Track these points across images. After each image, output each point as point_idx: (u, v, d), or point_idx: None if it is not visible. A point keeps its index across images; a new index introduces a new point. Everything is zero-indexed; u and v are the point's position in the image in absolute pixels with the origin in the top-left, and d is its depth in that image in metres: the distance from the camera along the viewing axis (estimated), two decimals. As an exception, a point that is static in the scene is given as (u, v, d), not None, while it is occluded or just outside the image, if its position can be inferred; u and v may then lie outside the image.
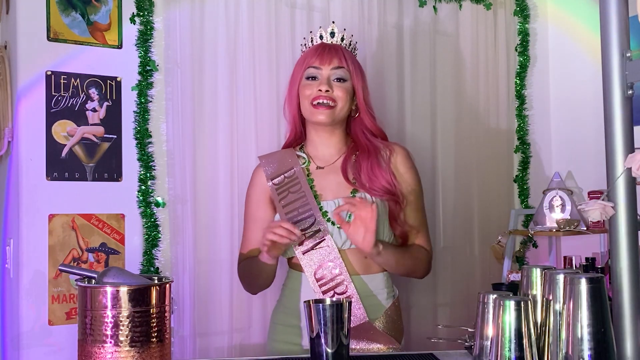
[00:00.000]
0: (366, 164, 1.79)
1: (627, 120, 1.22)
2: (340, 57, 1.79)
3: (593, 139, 2.40)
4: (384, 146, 1.84)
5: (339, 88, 1.78)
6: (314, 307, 1.33)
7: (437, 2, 2.63)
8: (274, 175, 1.84)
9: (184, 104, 2.21)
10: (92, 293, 1.21)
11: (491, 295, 1.24)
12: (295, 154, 1.87)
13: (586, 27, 2.71)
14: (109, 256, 2.13)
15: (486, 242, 2.65)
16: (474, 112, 2.71)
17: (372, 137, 1.85)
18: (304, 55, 1.85)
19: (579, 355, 1.13)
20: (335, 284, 1.73)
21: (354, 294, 1.72)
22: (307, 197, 1.77)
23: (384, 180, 1.77)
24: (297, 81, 1.83)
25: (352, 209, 1.63)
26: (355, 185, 1.78)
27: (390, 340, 1.73)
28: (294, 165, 1.83)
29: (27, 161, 2.03)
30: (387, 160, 1.81)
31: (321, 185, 1.81)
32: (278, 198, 1.80)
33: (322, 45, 1.83)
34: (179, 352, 2.13)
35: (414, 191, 1.83)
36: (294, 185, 1.80)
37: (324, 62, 1.78)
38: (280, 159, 1.87)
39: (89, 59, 2.12)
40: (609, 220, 1.24)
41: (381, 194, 1.76)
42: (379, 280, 1.79)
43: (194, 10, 2.23)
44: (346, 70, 1.79)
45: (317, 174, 1.83)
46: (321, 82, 1.77)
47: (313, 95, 1.77)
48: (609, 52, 1.23)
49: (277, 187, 1.82)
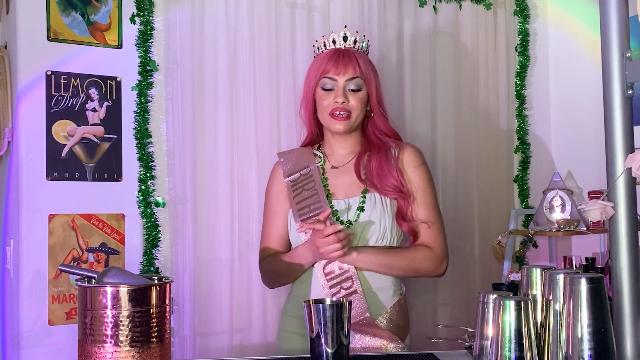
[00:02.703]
0: (376, 162, 1.85)
1: (627, 120, 1.22)
2: (355, 65, 1.84)
3: (593, 139, 2.40)
4: (394, 145, 1.90)
5: (354, 98, 1.84)
6: (314, 307, 1.34)
7: (437, 2, 2.63)
8: (290, 172, 1.91)
9: (184, 104, 2.21)
10: (92, 293, 1.21)
11: (491, 295, 1.24)
12: (312, 152, 1.94)
13: (586, 27, 2.71)
14: (109, 256, 2.13)
15: (486, 242, 2.65)
16: (474, 112, 2.70)
17: (385, 137, 1.91)
18: (317, 62, 1.88)
19: (579, 355, 1.13)
20: (343, 279, 1.78)
21: (359, 289, 1.76)
22: (319, 195, 1.83)
23: (392, 178, 1.83)
24: (313, 87, 1.88)
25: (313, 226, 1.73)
26: (366, 184, 1.84)
27: (393, 338, 1.75)
28: (310, 163, 1.90)
29: (27, 161, 2.03)
30: (395, 158, 1.87)
31: (334, 185, 1.87)
32: (292, 195, 1.87)
33: (336, 52, 1.86)
34: (179, 352, 2.13)
35: (422, 188, 1.86)
36: (308, 183, 1.87)
37: (339, 72, 1.83)
38: (297, 157, 1.94)
39: (89, 59, 2.12)
40: (609, 220, 1.24)
41: (390, 191, 1.82)
42: (386, 278, 1.82)
43: (194, 10, 2.23)
44: (360, 78, 1.85)
45: (332, 173, 1.90)
46: (337, 93, 1.83)
47: (331, 107, 1.83)
48: (609, 52, 1.23)
49: (293, 184, 1.89)
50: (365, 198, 1.82)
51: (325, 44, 1.90)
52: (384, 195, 1.82)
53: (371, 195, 1.82)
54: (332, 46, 1.89)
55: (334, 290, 1.76)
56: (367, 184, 1.84)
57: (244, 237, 2.23)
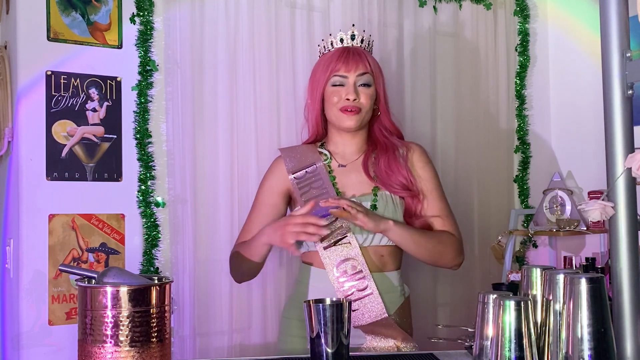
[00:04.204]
0: (384, 161, 1.84)
1: (627, 120, 1.22)
2: (365, 62, 1.83)
3: (593, 138, 2.40)
4: (401, 144, 1.89)
5: (364, 94, 1.82)
6: (314, 307, 1.33)
7: (437, 2, 2.63)
8: (295, 170, 1.87)
9: (184, 104, 2.21)
10: (92, 293, 1.21)
11: (491, 295, 1.24)
12: (317, 150, 1.91)
13: (586, 27, 2.71)
14: (109, 256, 2.13)
15: (486, 242, 2.65)
16: (474, 112, 2.71)
17: (390, 136, 1.90)
18: (326, 60, 1.86)
19: (579, 355, 1.13)
20: (356, 279, 1.76)
21: (374, 290, 1.75)
22: (329, 193, 1.81)
23: (401, 176, 1.82)
24: (322, 85, 1.85)
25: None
26: (376, 182, 1.83)
27: (406, 337, 1.75)
28: (316, 161, 1.87)
29: (27, 161, 2.03)
30: (404, 157, 1.86)
31: (343, 183, 1.85)
32: (300, 192, 1.84)
33: (345, 50, 1.85)
34: (179, 352, 2.13)
35: (432, 184, 1.87)
36: (316, 181, 1.84)
37: (350, 69, 1.81)
38: (301, 154, 1.91)
39: (89, 59, 2.12)
40: (609, 220, 1.24)
41: (399, 189, 1.81)
42: (394, 278, 1.82)
43: (194, 10, 2.23)
44: (370, 75, 1.84)
45: (339, 171, 1.88)
46: (348, 90, 1.81)
47: (341, 104, 1.81)
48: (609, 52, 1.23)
49: (299, 181, 1.86)
50: (376, 196, 1.81)
51: (332, 43, 1.89)
52: (393, 193, 1.82)
53: (382, 193, 1.81)
54: (339, 45, 1.87)
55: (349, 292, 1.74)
56: (377, 182, 1.83)
57: (244, 237, 2.23)
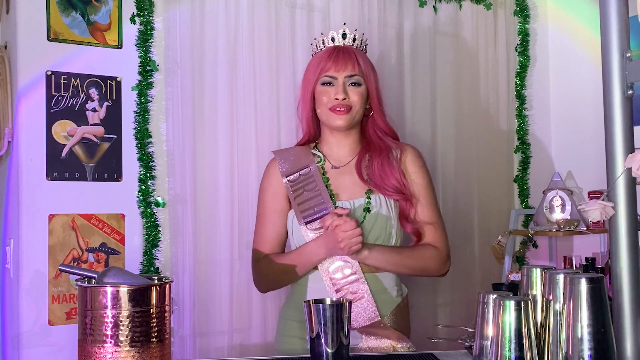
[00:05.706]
0: (378, 164, 1.83)
1: (627, 120, 1.22)
2: (354, 62, 1.82)
3: (593, 139, 2.40)
4: (395, 146, 1.88)
5: (354, 93, 1.81)
6: (314, 307, 1.33)
7: (437, 2, 2.63)
8: (288, 172, 1.86)
9: (184, 104, 2.21)
10: (92, 293, 1.21)
11: (491, 295, 1.24)
12: (310, 152, 1.90)
13: (586, 27, 2.71)
14: (109, 256, 2.12)
15: (486, 242, 2.65)
16: (474, 112, 2.71)
17: (384, 137, 1.89)
18: (317, 60, 1.87)
19: (579, 355, 1.13)
20: (348, 281, 1.76)
21: (367, 292, 1.75)
22: (322, 196, 1.80)
23: (394, 179, 1.81)
24: (312, 84, 1.86)
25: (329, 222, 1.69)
26: (369, 185, 1.82)
27: (401, 337, 1.75)
28: (310, 163, 1.86)
29: (27, 161, 2.03)
30: (397, 159, 1.85)
31: (336, 185, 1.84)
32: (293, 195, 1.83)
33: (335, 49, 1.85)
34: (179, 352, 2.13)
35: (424, 190, 1.86)
36: (310, 184, 1.83)
37: (339, 69, 1.81)
38: (295, 156, 1.90)
39: (89, 59, 2.12)
40: (609, 220, 1.24)
41: (392, 192, 1.80)
42: (390, 278, 1.82)
43: (194, 10, 2.23)
44: (360, 76, 1.83)
45: (332, 173, 1.87)
46: (337, 89, 1.80)
47: (330, 103, 1.81)
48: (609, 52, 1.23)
49: (292, 184, 1.85)
50: (370, 199, 1.80)
51: (324, 41, 1.89)
52: (386, 196, 1.81)
53: (376, 196, 1.81)
54: (330, 44, 1.87)
55: (341, 293, 1.74)
56: (370, 185, 1.82)
57: (244, 237, 2.23)
